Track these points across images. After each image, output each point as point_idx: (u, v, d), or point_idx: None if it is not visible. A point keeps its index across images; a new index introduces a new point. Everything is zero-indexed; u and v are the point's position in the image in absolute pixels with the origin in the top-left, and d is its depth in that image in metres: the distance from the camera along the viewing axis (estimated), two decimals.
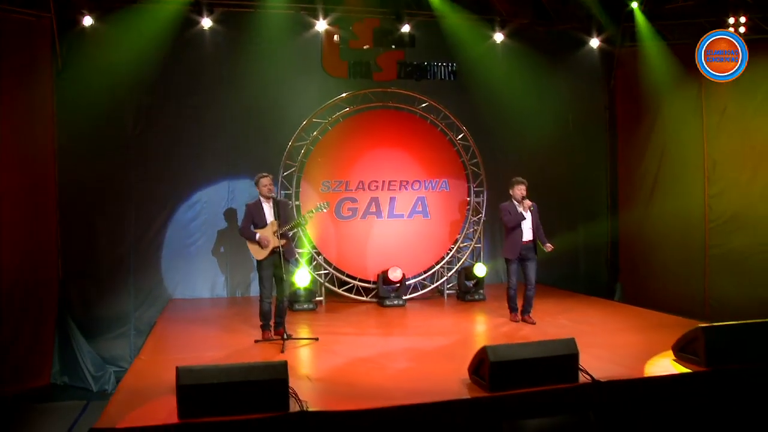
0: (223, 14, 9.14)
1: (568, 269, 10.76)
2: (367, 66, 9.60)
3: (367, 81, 9.53)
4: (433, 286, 9.33)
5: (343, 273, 9.01)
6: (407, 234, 9.22)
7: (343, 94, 9.07)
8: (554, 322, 7.36)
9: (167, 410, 4.14)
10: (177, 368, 4.07)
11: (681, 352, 5.39)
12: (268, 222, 6.55)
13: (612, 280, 10.96)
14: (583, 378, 4.79)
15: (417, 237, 9.25)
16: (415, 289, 9.25)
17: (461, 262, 9.34)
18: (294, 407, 4.17)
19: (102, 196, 8.97)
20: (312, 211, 6.75)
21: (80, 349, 8.45)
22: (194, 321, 7.74)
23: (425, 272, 9.33)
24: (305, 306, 8.44)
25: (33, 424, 7.04)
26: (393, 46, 9.70)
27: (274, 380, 4.14)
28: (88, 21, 8.56)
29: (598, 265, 11.09)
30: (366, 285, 9.01)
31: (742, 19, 9.86)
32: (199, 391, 4.02)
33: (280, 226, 6.45)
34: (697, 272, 10.38)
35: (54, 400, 7.88)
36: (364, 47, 9.60)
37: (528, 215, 7.27)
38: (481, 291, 9.08)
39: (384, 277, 8.77)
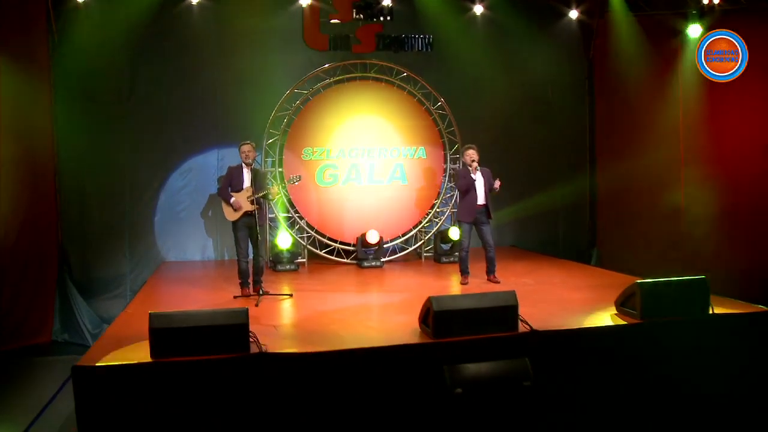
0: None
1: (547, 235, 11.18)
2: (347, 39, 9.90)
3: (347, 53, 9.85)
4: (410, 249, 9.82)
5: (324, 236, 9.50)
6: (386, 199, 9.68)
7: (324, 66, 9.47)
8: (518, 281, 7.76)
9: (143, 352, 4.65)
10: (150, 314, 4.57)
11: (622, 306, 5.81)
12: (244, 187, 7.03)
13: (590, 246, 11.33)
14: (523, 327, 5.26)
15: (395, 202, 9.71)
16: (393, 252, 9.73)
17: (437, 226, 9.80)
18: (254, 350, 4.68)
19: (98, 164, 9.37)
20: (269, 194, 7.13)
21: (79, 308, 8.95)
22: (182, 281, 8.25)
23: (403, 236, 9.80)
24: (288, 267, 8.93)
25: (35, 375, 7.61)
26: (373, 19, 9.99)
27: (236, 325, 4.64)
28: None
29: (577, 231, 11.38)
30: (347, 248, 9.50)
31: None
32: (169, 334, 4.53)
33: (253, 192, 6.93)
34: (677, 240, 10.56)
35: (55, 354, 8.42)
36: (345, 21, 9.88)
37: (480, 179, 7.64)
38: (456, 254, 9.53)
39: (362, 240, 9.25)
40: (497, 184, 7.69)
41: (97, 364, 4.45)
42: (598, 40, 11.01)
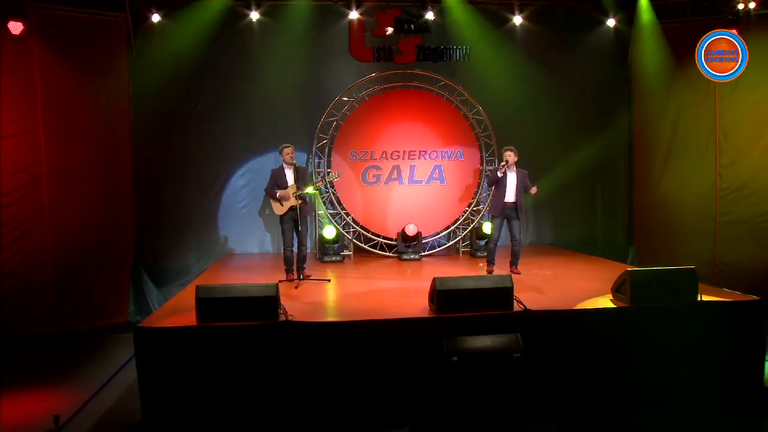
0: (269, 7, 10.43)
1: (587, 235, 11.63)
2: (389, 50, 10.79)
3: (390, 64, 10.73)
4: (448, 245, 10.58)
5: (368, 231, 10.39)
6: (425, 198, 10.49)
7: (370, 75, 10.38)
8: (539, 273, 8.41)
9: (191, 319, 5.62)
10: (197, 286, 5.55)
11: (616, 293, 6.38)
12: (289, 185, 7.98)
13: (627, 245, 11.70)
14: (518, 307, 5.95)
15: (434, 200, 10.50)
16: (432, 247, 10.51)
17: (474, 223, 10.50)
18: (282, 318, 5.57)
19: (169, 165, 10.54)
20: (316, 185, 8.09)
21: (150, 293, 10.08)
22: (239, 269, 9.28)
23: (442, 232, 10.57)
24: (334, 258, 9.87)
25: (112, 348, 8.75)
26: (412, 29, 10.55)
27: (267, 297, 5.55)
28: (156, 18, 10.02)
29: (616, 230, 11.77)
30: (389, 242, 10.35)
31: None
32: (212, 303, 5.48)
33: (298, 188, 7.87)
34: (708, 238, 10.90)
35: (128, 332, 9.46)
36: (387, 34, 10.66)
37: (513, 179, 8.32)
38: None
39: (403, 235, 10.07)
40: (533, 190, 8.38)
41: (153, 326, 5.46)
42: (635, 47, 11.38)
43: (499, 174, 8.27)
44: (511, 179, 8.30)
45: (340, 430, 5.61)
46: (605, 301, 6.39)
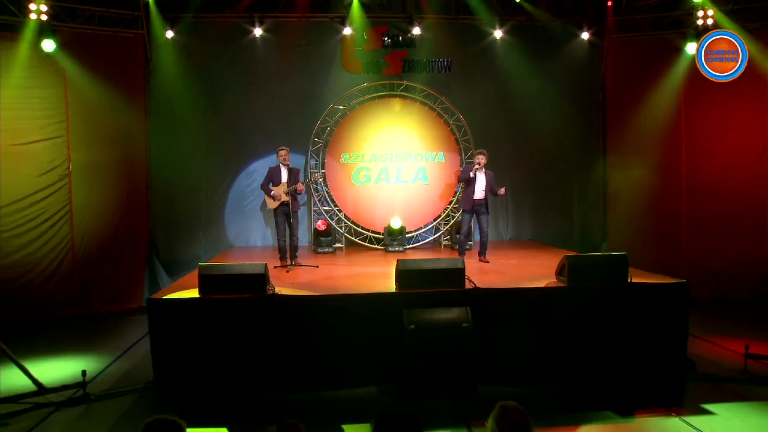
0: (271, 23, 11.49)
1: (565, 232, 12.57)
2: (377, 63, 11.91)
3: (378, 75, 11.85)
4: (431, 238, 11.67)
5: (358, 226, 11.51)
6: (410, 196, 11.62)
7: (360, 86, 11.53)
8: (505, 262, 9.47)
9: (194, 293, 6.73)
10: (198, 264, 6.68)
11: (558, 275, 7.37)
12: (282, 182, 9.12)
13: (602, 241, 12.67)
14: (469, 285, 7.01)
15: (418, 199, 11.63)
16: (417, 240, 11.61)
17: (455, 219, 11.57)
18: (269, 292, 6.69)
19: (180, 166, 11.58)
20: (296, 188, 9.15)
21: (163, 281, 11.15)
22: (240, 258, 10.18)
23: (425, 226, 11.66)
24: (326, 250, 10.99)
25: (127, 327, 9.86)
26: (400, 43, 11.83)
27: (257, 274, 6.64)
28: (170, 34, 11.09)
29: (591, 227, 12.71)
30: (377, 236, 11.47)
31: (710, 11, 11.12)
32: (211, 279, 6.59)
33: (288, 185, 9.00)
34: (676, 234, 11.86)
35: (142, 315, 10.60)
36: (375, 48, 11.85)
37: (482, 179, 9.39)
38: (470, 242, 11.18)
39: (389, 229, 11.17)
40: (502, 191, 9.47)
41: (163, 297, 6.61)
42: (608, 59, 12.36)
43: (472, 174, 9.34)
44: (481, 179, 9.38)
45: (317, 387, 6.69)
46: (547, 282, 7.39)
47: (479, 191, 9.40)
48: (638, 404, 6.35)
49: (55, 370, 7.53)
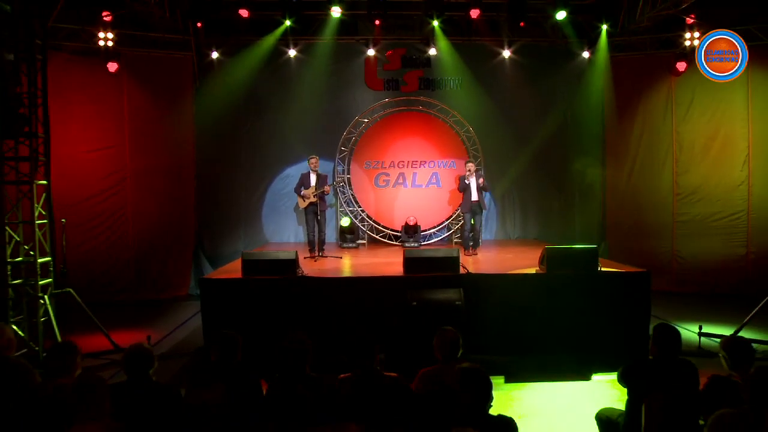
0: (304, 45, 13.04)
1: (567, 232, 13.68)
2: (397, 81, 13.39)
3: (397, 92, 13.33)
4: (444, 236, 13.09)
5: (379, 224, 12.99)
6: (425, 199, 13.06)
7: (383, 101, 13.04)
8: (499, 256, 10.87)
9: (238, 274, 8.25)
10: (242, 252, 8.22)
11: (540, 264, 8.65)
12: (311, 185, 10.65)
13: (601, 240, 13.86)
14: (463, 271, 8.40)
15: (432, 201, 13.07)
16: (430, 237, 13.04)
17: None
18: (299, 274, 8.18)
19: (224, 171, 13.12)
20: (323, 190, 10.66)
21: (207, 273, 12.36)
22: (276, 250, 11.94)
23: (438, 225, 13.09)
24: (350, 245, 12.48)
25: (177, 311, 11.42)
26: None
27: (289, 259, 8.13)
28: (215, 55, 12.64)
29: (591, 227, 13.77)
30: (396, 233, 12.92)
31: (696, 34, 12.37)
32: (252, 263, 8.09)
33: (316, 189, 10.54)
34: (667, 234, 13.05)
35: (189, 301, 12.20)
36: (395, 69, 13.38)
37: (474, 183, 10.82)
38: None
39: (406, 227, 12.62)
40: (480, 180, 10.86)
41: (213, 277, 8.17)
42: (605, 75, 13.50)
43: (466, 182, 10.80)
44: (473, 183, 10.81)
45: (334, 353, 8.13)
46: (529, 270, 8.68)
47: (474, 194, 10.83)
48: (598, 370, 7.59)
49: (124, 338, 9.12)
